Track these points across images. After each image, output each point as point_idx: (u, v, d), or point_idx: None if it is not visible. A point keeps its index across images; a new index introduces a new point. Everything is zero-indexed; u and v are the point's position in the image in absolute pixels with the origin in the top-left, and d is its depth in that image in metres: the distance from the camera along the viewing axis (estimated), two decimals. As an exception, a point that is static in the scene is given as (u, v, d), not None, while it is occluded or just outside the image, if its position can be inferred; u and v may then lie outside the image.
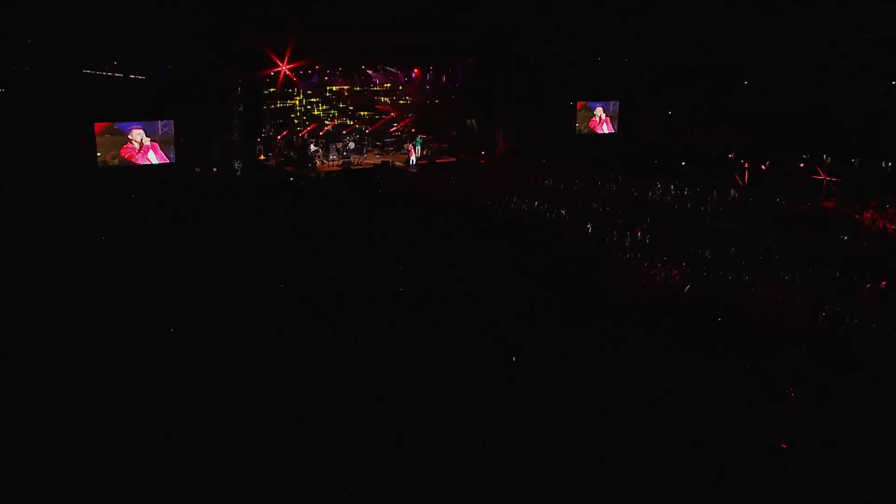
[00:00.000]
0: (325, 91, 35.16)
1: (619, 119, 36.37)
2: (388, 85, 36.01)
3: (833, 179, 25.16)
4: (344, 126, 35.41)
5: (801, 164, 26.44)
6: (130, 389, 10.60)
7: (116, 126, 26.37)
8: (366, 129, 35.79)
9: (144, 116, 26.57)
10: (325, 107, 35.35)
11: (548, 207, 21.75)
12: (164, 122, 26.87)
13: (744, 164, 27.10)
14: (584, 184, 26.22)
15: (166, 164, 26.98)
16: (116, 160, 26.30)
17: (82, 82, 25.22)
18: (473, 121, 35.87)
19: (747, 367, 10.96)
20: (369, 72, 34.53)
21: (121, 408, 10.10)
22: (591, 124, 36.09)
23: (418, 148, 33.76)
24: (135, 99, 26.16)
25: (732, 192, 24.57)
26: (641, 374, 10.85)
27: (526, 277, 15.48)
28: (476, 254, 16.96)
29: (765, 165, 27.10)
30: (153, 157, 26.89)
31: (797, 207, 22.86)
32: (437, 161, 33.29)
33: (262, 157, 31.81)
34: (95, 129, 25.88)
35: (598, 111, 36.11)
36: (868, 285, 14.41)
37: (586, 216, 20.61)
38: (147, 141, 26.72)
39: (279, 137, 33.32)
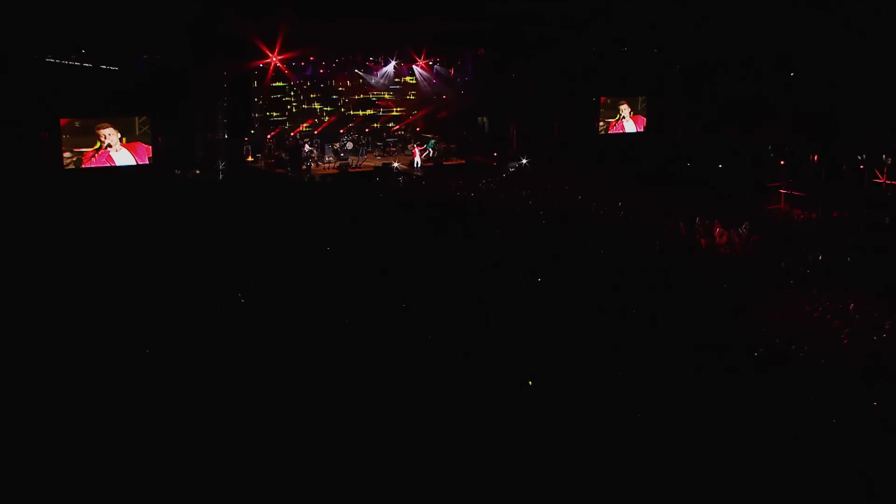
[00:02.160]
0: (321, 85, 34.71)
1: (648, 117, 35.96)
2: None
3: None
4: (341, 124, 34.87)
5: (861, 166, 25.40)
6: (100, 416, 10.59)
7: (85, 123, 25.88)
8: (366, 128, 35.45)
9: (117, 112, 26.13)
10: (318, 105, 34.70)
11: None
12: (140, 118, 26.46)
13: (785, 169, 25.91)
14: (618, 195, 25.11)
15: (142, 165, 26.53)
16: (89, 161, 25.78)
17: (46, 73, 24.65)
18: (485, 119, 35.61)
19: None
20: (369, 64, 34.15)
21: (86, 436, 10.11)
22: (616, 123, 35.62)
23: (429, 150, 33.37)
24: (106, 93, 25.60)
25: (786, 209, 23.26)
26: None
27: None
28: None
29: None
30: (127, 158, 26.36)
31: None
32: (445, 163, 32.85)
33: (249, 159, 31.43)
34: (61, 126, 25.38)
35: (624, 108, 35.67)
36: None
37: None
38: (120, 140, 26.21)
39: (269, 137, 32.88)
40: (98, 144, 25.85)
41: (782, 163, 27.61)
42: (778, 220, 21.87)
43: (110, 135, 25.99)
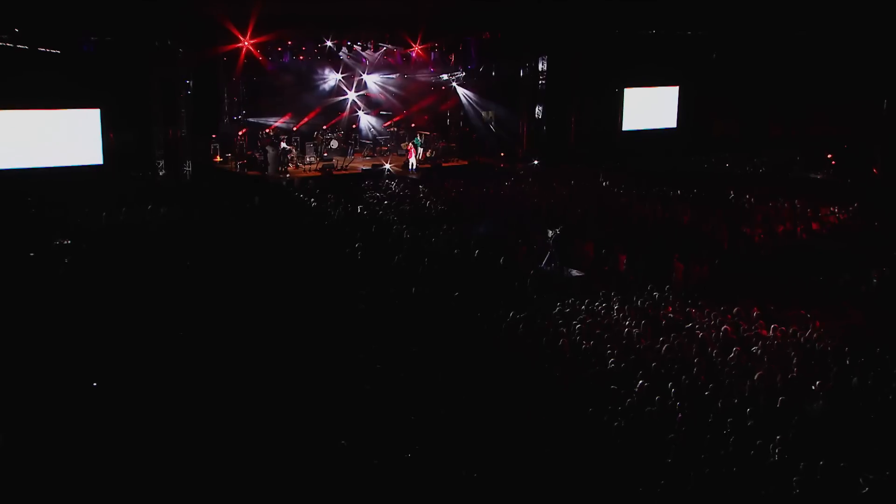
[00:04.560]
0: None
1: (680, 110, 35.57)
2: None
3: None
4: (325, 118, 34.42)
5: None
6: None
7: (22, 115, 25.50)
8: (353, 123, 34.95)
9: (60, 103, 25.62)
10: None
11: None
12: (88, 111, 26.04)
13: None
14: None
15: (91, 166, 26.11)
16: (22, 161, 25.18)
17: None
18: (491, 113, 35.28)
19: None
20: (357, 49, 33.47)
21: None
22: (642, 117, 35.08)
23: (419, 148, 32.89)
24: (47, 80, 24.86)
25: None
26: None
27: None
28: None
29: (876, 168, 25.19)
30: (71, 157, 25.78)
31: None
32: (444, 165, 32.33)
33: (218, 159, 31.09)
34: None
35: (651, 99, 35.33)
36: None
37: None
38: (64, 135, 25.65)
39: (240, 133, 32.22)
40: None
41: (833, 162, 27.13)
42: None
43: (54, 128, 25.42)
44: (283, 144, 31.19)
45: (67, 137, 25.61)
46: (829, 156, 30.15)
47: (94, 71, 25.87)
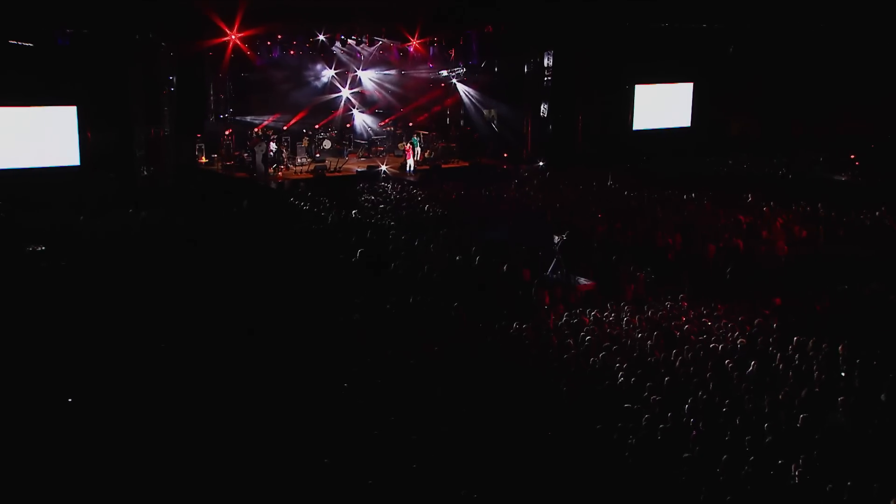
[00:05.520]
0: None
1: (695, 108, 35.69)
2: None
3: None
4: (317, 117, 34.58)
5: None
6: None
7: None
8: (347, 123, 35.16)
9: (34, 100, 25.81)
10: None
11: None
12: (64, 108, 26.09)
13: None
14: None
15: (67, 167, 26.22)
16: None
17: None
18: (493, 111, 35.44)
19: None
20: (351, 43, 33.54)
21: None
22: (654, 115, 35.11)
23: (418, 149, 33.11)
24: (19, 75, 25.10)
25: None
26: None
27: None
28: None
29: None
30: (46, 158, 25.87)
31: None
32: (444, 166, 32.58)
33: (203, 160, 31.30)
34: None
35: (664, 96, 35.40)
36: None
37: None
38: (38, 134, 25.75)
39: (227, 133, 32.34)
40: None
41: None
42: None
43: (26, 127, 25.68)
44: (273, 145, 31.15)
45: (42, 137, 25.72)
46: (853, 156, 30.06)
47: (71, 66, 25.96)
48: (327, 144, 33.32)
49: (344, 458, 10.78)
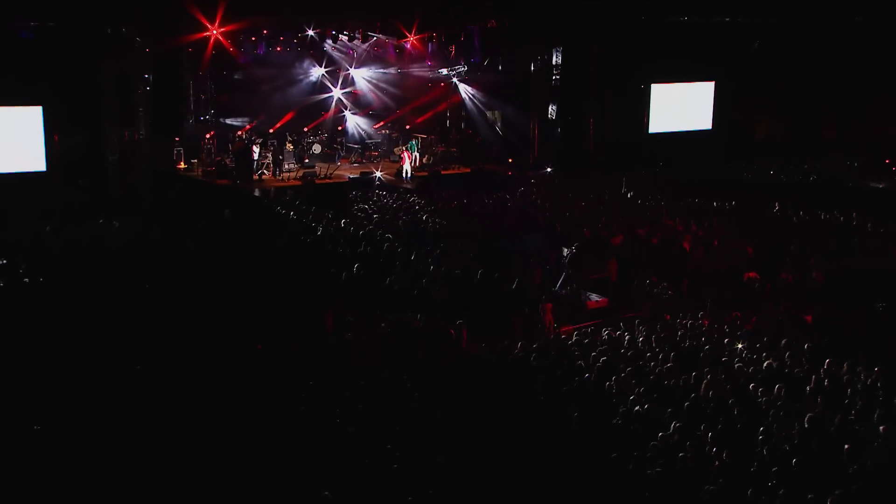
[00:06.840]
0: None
1: (716, 109, 35.72)
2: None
3: None
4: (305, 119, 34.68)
5: None
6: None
7: None
8: (339, 125, 35.16)
9: None
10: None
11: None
12: (28, 108, 26.27)
13: None
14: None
15: (32, 173, 26.32)
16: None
17: None
18: (496, 113, 35.55)
19: None
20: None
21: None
22: (672, 117, 35.17)
23: (415, 154, 33.13)
24: None
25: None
26: None
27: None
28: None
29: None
30: (9, 163, 26.09)
31: None
32: (444, 172, 32.60)
33: (182, 165, 31.28)
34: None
35: (683, 96, 35.44)
36: None
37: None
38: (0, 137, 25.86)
39: (208, 136, 32.35)
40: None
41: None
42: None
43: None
44: (258, 149, 31.20)
45: (4, 139, 25.70)
46: (888, 161, 30.07)
47: (35, 62, 25.84)
48: (317, 149, 33.42)
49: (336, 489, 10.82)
